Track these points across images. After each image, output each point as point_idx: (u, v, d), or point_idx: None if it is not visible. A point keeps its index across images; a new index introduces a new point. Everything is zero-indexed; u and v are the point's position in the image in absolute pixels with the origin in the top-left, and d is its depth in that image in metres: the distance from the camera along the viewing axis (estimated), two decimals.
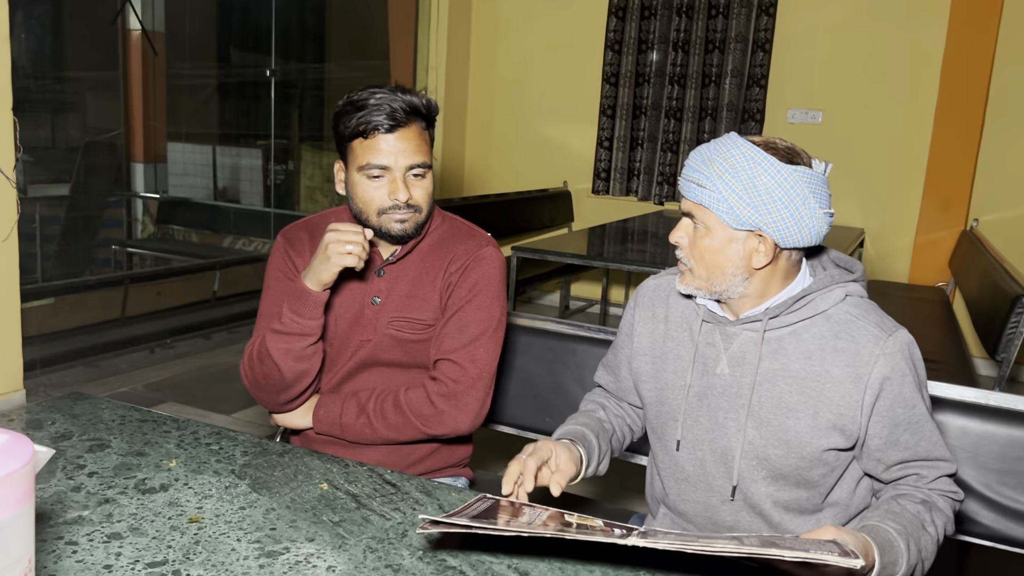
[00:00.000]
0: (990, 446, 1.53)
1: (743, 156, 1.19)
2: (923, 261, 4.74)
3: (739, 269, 1.24)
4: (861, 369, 1.21)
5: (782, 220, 1.19)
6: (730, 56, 4.98)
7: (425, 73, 5.53)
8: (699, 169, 1.23)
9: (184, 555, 1.03)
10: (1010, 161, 4.55)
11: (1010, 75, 4.47)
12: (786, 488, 1.29)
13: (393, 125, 1.45)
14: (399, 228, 1.50)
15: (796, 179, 1.18)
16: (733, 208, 1.20)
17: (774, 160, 1.19)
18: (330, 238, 1.41)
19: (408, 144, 1.47)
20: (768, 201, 1.18)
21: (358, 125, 1.45)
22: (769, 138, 1.23)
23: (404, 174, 1.48)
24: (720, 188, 1.20)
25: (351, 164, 1.50)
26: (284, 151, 6.57)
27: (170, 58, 6.54)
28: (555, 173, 5.62)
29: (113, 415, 1.47)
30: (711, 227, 1.24)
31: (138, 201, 6.44)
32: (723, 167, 1.20)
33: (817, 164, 1.23)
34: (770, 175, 1.18)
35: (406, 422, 1.55)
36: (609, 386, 1.54)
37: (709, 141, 1.26)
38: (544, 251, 3.63)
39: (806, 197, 1.19)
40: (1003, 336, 2.59)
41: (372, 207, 1.50)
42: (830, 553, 0.90)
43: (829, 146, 4.88)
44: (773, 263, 1.25)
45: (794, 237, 1.21)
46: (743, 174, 1.19)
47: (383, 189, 1.48)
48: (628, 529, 1.07)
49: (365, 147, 1.47)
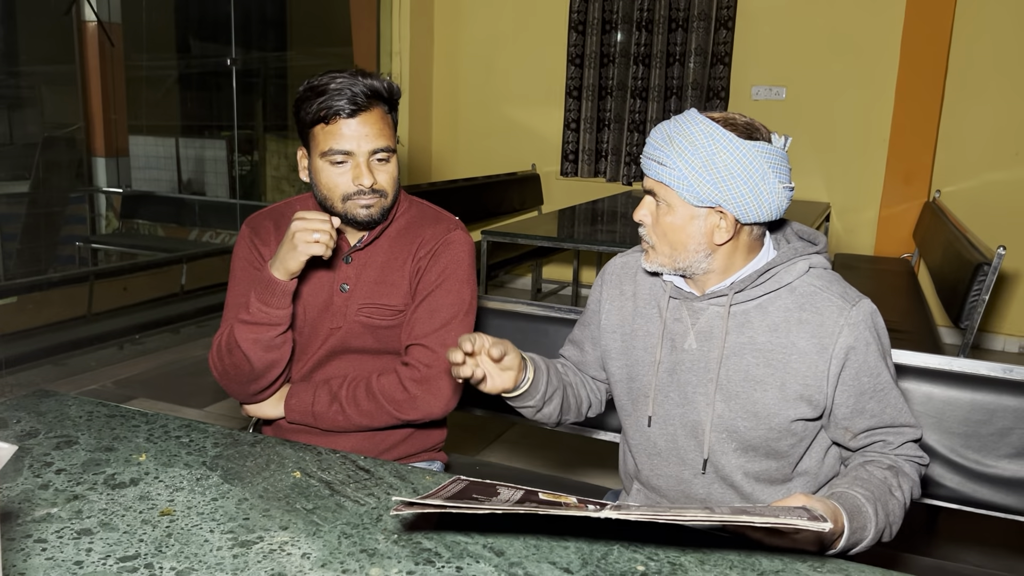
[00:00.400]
0: (955, 411, 1.56)
1: (702, 133, 1.20)
2: (888, 233, 4.81)
3: (701, 245, 1.25)
4: (826, 340, 1.23)
5: (742, 196, 1.20)
6: (693, 34, 4.99)
7: (389, 58, 5.48)
8: (659, 147, 1.23)
9: (156, 548, 1.02)
10: (969, 132, 4.61)
11: (968, 48, 4.53)
12: (756, 459, 1.31)
13: (355, 109, 1.43)
14: (365, 214, 1.49)
15: (755, 155, 1.19)
16: (693, 185, 1.21)
17: (733, 136, 1.19)
18: (297, 227, 1.40)
19: (371, 128, 1.46)
20: (728, 178, 1.19)
21: (319, 111, 1.44)
22: (729, 114, 1.24)
23: (368, 159, 1.47)
24: (680, 166, 1.21)
25: (313, 150, 1.48)
26: (248, 141, 6.49)
27: (128, 50, 6.42)
28: (523, 156, 5.61)
29: (80, 411, 1.45)
30: (673, 205, 1.24)
31: (101, 196, 6.33)
32: (683, 145, 1.21)
33: (776, 139, 1.24)
34: (729, 151, 1.19)
35: (379, 408, 1.54)
36: (573, 358, 1.55)
37: (670, 119, 1.27)
38: (514, 235, 3.63)
39: (765, 172, 1.20)
40: (966, 304, 2.63)
41: (336, 193, 1.48)
42: (799, 518, 0.91)
43: (793, 122, 4.92)
44: (735, 238, 1.26)
45: (754, 212, 1.22)
46: (702, 151, 1.19)
47: (347, 175, 1.47)
48: (602, 505, 1.08)
49: (327, 133, 1.45)
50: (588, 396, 1.52)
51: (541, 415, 1.43)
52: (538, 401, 1.38)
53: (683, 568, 1.02)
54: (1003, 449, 1.53)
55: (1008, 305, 4.71)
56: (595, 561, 1.03)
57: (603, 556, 1.04)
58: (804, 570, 1.03)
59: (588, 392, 1.53)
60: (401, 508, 0.95)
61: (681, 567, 1.02)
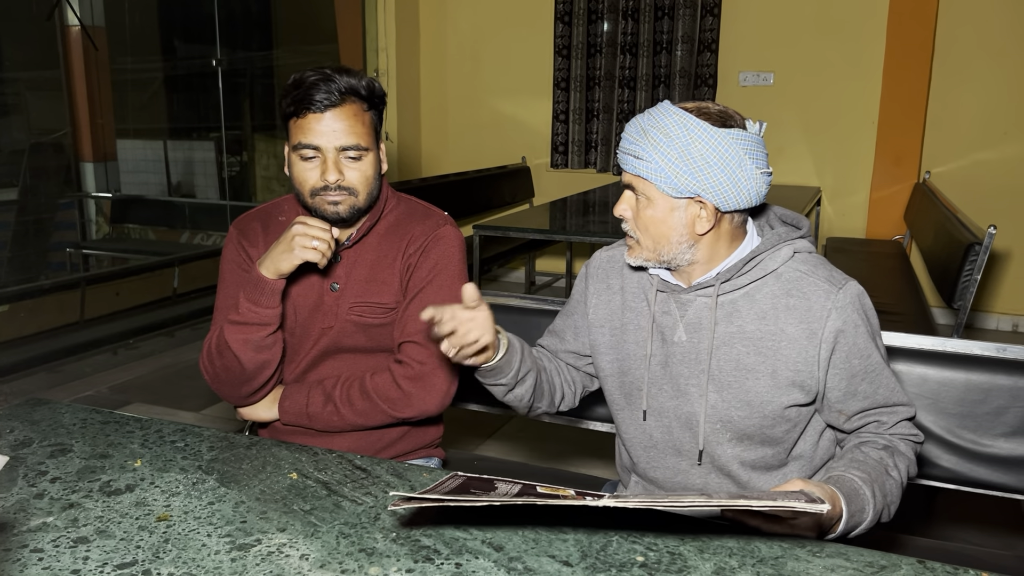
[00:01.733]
0: (949, 392, 1.57)
1: (676, 124, 1.20)
2: (879, 216, 4.82)
3: (684, 237, 1.25)
4: (814, 324, 1.23)
5: (719, 184, 1.20)
6: (680, 22, 4.98)
7: (375, 55, 5.46)
8: (635, 141, 1.23)
9: (154, 554, 1.01)
10: (957, 113, 4.62)
11: (953, 29, 4.53)
12: (751, 447, 1.31)
13: (326, 105, 1.42)
14: (332, 210, 1.48)
15: (730, 142, 1.19)
16: (670, 177, 1.20)
17: (707, 125, 1.19)
18: (297, 230, 1.40)
19: (341, 124, 1.44)
20: (704, 166, 1.19)
21: (292, 104, 1.44)
22: (702, 104, 1.23)
23: (336, 155, 1.45)
24: (656, 158, 1.20)
25: (289, 144, 1.49)
26: (237, 142, 6.47)
27: (113, 53, 6.38)
28: (513, 149, 5.60)
29: (74, 419, 1.44)
30: (652, 198, 1.24)
31: (90, 201, 6.30)
32: (657, 137, 1.20)
33: (751, 125, 1.23)
34: (704, 140, 1.18)
35: (373, 407, 1.54)
36: (550, 347, 1.54)
37: (644, 111, 1.26)
38: (506, 228, 3.62)
39: (741, 159, 1.19)
40: (958, 284, 2.64)
41: (306, 188, 1.48)
42: (797, 500, 0.91)
43: (782, 107, 4.92)
44: (716, 227, 1.26)
45: (733, 200, 1.21)
46: (677, 142, 1.19)
47: (315, 170, 1.46)
48: (599, 497, 1.08)
49: (298, 126, 1.45)
50: (562, 385, 1.50)
51: (513, 395, 1.40)
52: (510, 379, 1.36)
53: (682, 557, 1.02)
54: (999, 428, 1.53)
55: (1000, 284, 4.72)
56: (594, 553, 1.03)
57: (602, 548, 1.04)
58: (803, 555, 1.03)
59: (562, 381, 1.50)
60: (399, 503, 0.95)
61: (680, 556, 1.02)
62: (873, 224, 4.84)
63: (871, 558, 1.03)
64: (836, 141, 4.88)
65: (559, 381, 1.50)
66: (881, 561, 1.02)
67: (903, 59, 4.59)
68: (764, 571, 0.99)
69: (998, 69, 4.50)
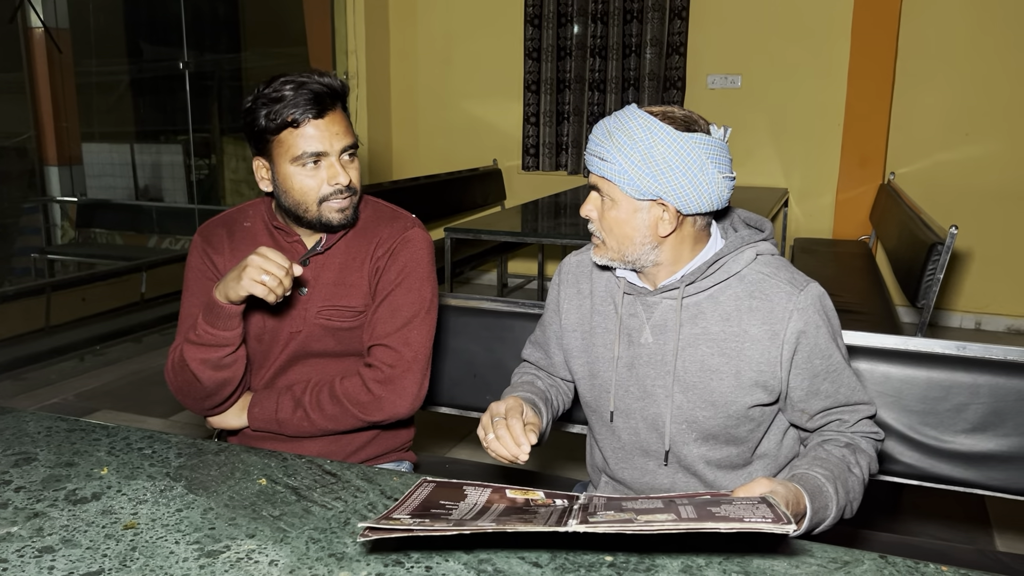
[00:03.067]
0: (912, 389, 1.60)
1: (640, 127, 1.21)
2: (845, 216, 4.89)
3: (647, 238, 1.27)
4: (777, 326, 1.25)
5: (681, 188, 1.21)
6: (648, 25, 5.02)
7: (345, 57, 5.43)
8: (600, 143, 1.25)
9: (120, 562, 1.01)
10: (920, 114, 4.71)
11: (916, 31, 4.62)
12: (717, 447, 1.33)
13: (321, 110, 1.43)
14: (339, 218, 1.48)
15: (693, 146, 1.20)
16: (634, 179, 1.22)
17: (671, 129, 1.20)
18: (252, 261, 1.34)
19: (338, 127, 1.45)
20: (666, 170, 1.21)
21: (285, 116, 1.41)
22: (668, 108, 1.25)
23: (339, 157, 1.46)
24: (620, 160, 1.22)
25: (280, 157, 1.45)
26: (205, 145, 6.41)
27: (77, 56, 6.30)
28: (484, 151, 5.60)
29: (39, 427, 1.42)
30: (616, 199, 1.26)
31: (55, 205, 6.21)
32: (622, 140, 1.22)
33: (716, 130, 1.25)
34: (667, 144, 1.20)
35: (344, 411, 1.53)
36: (540, 363, 1.56)
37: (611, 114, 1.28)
38: (478, 230, 3.62)
39: (704, 163, 1.21)
40: (922, 283, 2.69)
41: (312, 197, 1.46)
42: (763, 520, 0.93)
43: (749, 110, 4.98)
44: (679, 230, 1.28)
45: (695, 203, 1.23)
46: (641, 145, 1.21)
47: (320, 176, 1.45)
48: (570, 498, 1.09)
49: (296, 136, 1.43)
50: (563, 401, 1.54)
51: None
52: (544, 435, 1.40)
53: (650, 556, 1.03)
54: (959, 425, 1.56)
55: (962, 282, 4.82)
56: (563, 553, 1.04)
57: (570, 548, 1.05)
58: (769, 553, 1.04)
59: (562, 398, 1.54)
60: (368, 534, 0.94)
61: (648, 555, 1.03)
62: (839, 225, 4.91)
63: (835, 554, 1.05)
64: (803, 143, 4.94)
65: (560, 402, 1.53)
66: (844, 557, 1.04)
67: (867, 62, 4.67)
68: (731, 569, 1.01)
69: (959, 71, 4.59)
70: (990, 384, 1.54)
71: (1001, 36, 4.49)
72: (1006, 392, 1.54)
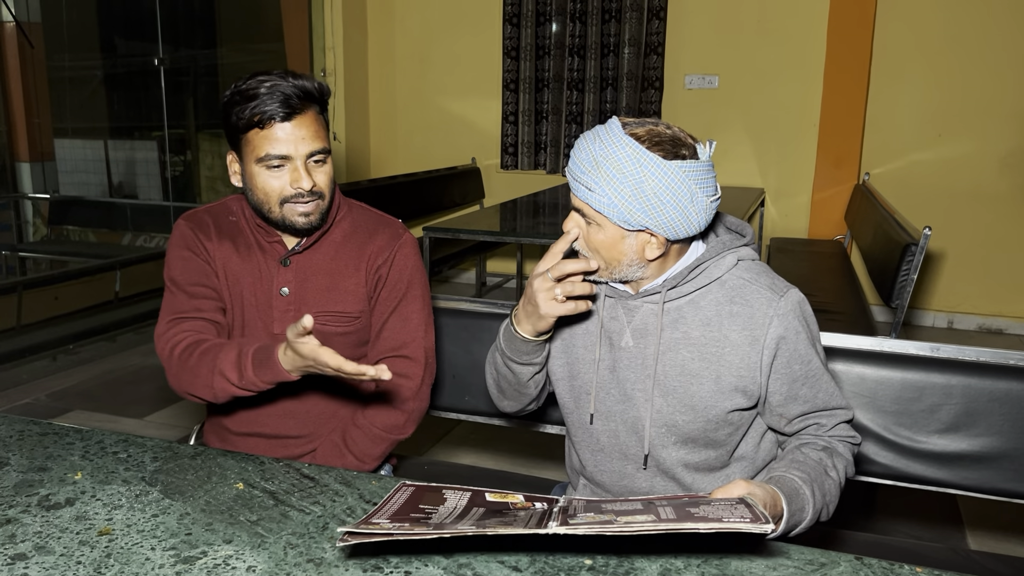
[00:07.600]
0: (886, 390, 1.62)
1: (628, 159, 1.18)
2: (821, 216, 4.93)
3: (634, 260, 1.27)
4: (757, 331, 1.26)
5: (671, 219, 1.20)
6: (627, 25, 5.03)
7: (322, 54, 5.40)
8: (586, 172, 1.21)
9: (95, 569, 0.99)
10: (894, 115, 4.76)
11: (890, 33, 4.67)
12: (695, 450, 1.34)
13: (289, 113, 1.41)
14: (303, 221, 1.47)
15: (682, 177, 1.18)
16: (622, 212, 1.20)
17: (659, 160, 1.18)
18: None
19: (306, 131, 1.43)
20: (657, 204, 1.19)
21: (252, 116, 1.40)
22: (653, 130, 1.21)
23: (304, 161, 1.45)
24: (608, 192, 1.20)
25: (248, 156, 1.45)
26: (180, 142, 6.35)
27: (50, 50, 6.21)
28: (463, 150, 5.59)
29: (10, 431, 1.40)
30: (603, 225, 1.24)
31: (27, 202, 6.13)
32: (610, 171, 1.19)
33: (702, 150, 1.22)
34: (656, 177, 1.18)
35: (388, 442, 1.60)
36: None
37: (593, 129, 1.25)
38: (456, 230, 3.61)
39: (693, 192, 1.20)
40: (896, 284, 2.72)
41: (274, 197, 1.45)
42: (742, 520, 0.94)
43: (726, 110, 5.01)
44: (666, 253, 1.28)
45: (683, 230, 1.23)
46: (630, 178, 1.18)
47: (284, 178, 1.44)
48: (549, 501, 1.09)
49: (262, 137, 1.42)
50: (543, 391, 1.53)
51: (533, 381, 1.44)
52: (541, 360, 1.40)
53: (629, 559, 1.03)
54: (933, 425, 1.58)
55: (936, 282, 4.88)
56: (543, 557, 1.04)
57: (551, 552, 1.05)
58: (746, 555, 1.05)
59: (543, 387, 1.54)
60: (347, 539, 0.94)
61: (627, 558, 1.03)
62: (815, 225, 4.96)
63: (811, 556, 1.06)
64: (779, 143, 4.98)
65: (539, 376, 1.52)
66: (821, 559, 1.05)
67: (843, 63, 4.71)
68: (709, 571, 1.01)
69: (933, 72, 4.64)
70: (963, 385, 1.57)
71: (974, 38, 4.55)
72: (978, 393, 1.56)
